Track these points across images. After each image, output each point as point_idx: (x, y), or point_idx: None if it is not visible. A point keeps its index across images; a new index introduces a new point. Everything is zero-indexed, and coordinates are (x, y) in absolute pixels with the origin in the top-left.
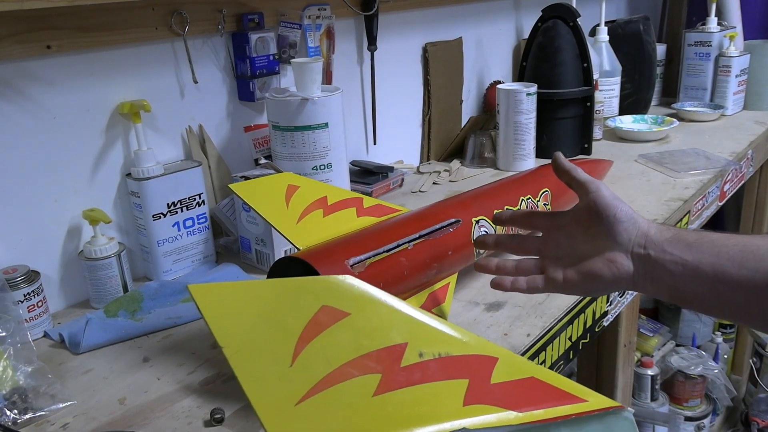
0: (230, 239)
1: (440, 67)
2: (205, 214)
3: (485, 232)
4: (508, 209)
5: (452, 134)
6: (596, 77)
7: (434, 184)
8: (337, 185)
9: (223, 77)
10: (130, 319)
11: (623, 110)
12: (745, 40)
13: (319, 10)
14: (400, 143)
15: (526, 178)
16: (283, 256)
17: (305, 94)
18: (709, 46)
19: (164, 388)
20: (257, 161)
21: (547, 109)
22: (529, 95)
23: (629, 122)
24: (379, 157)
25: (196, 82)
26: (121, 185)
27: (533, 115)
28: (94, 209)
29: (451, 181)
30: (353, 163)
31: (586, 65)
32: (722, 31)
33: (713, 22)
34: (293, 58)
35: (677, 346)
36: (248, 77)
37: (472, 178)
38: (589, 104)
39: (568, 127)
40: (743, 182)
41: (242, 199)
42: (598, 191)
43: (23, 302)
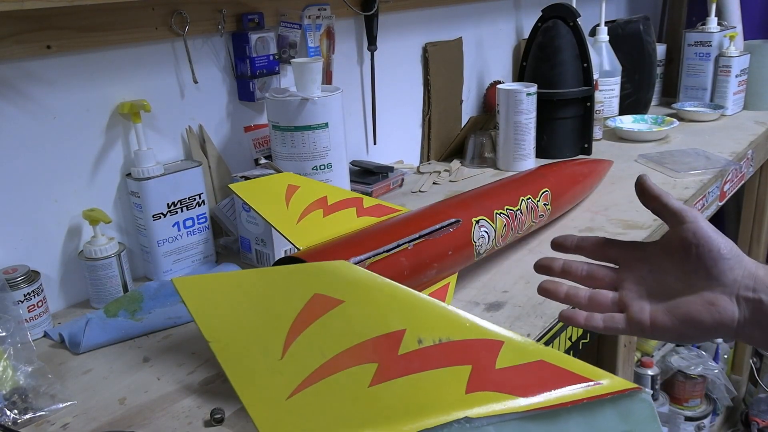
0: (230, 239)
1: (440, 67)
2: (205, 214)
3: (485, 232)
4: (571, 235)
5: (452, 134)
6: (596, 77)
7: (434, 184)
8: (337, 185)
9: (223, 77)
10: (130, 319)
11: (623, 110)
12: (745, 40)
13: (319, 10)
14: (400, 143)
15: (526, 178)
16: (283, 256)
17: (305, 94)
18: (709, 46)
19: (164, 388)
20: (257, 161)
21: (547, 109)
22: (529, 95)
23: (629, 122)
24: (379, 157)
25: (196, 82)
26: (121, 185)
27: (533, 115)
28: (94, 209)
29: (451, 181)
30: (353, 163)
31: (586, 65)
32: (722, 31)
33: (713, 22)
34: (293, 58)
35: (677, 345)
36: (248, 77)
37: (472, 178)
38: (589, 104)
39: (568, 127)
40: (743, 182)
41: (242, 199)
42: (696, 222)
43: (23, 302)
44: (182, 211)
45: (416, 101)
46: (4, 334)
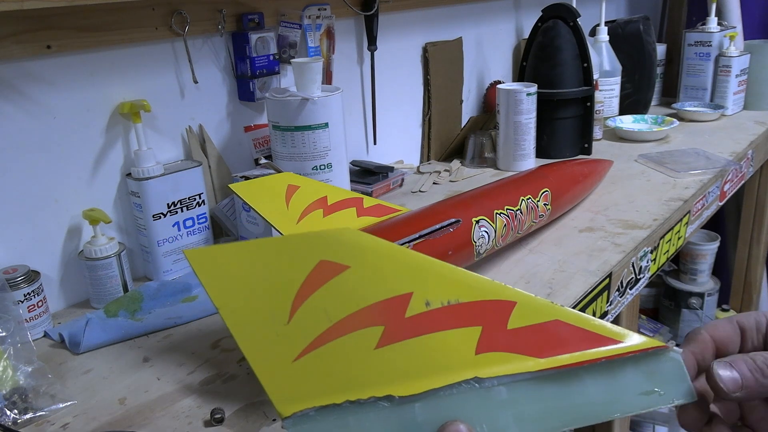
0: (230, 239)
1: (440, 67)
2: (205, 214)
3: (485, 232)
4: (723, 362)
5: (452, 134)
6: (596, 77)
7: (434, 184)
8: (337, 185)
9: (223, 77)
10: (130, 319)
11: (623, 110)
12: (745, 40)
13: (319, 10)
14: (400, 143)
15: (526, 178)
16: None
17: (305, 94)
18: (709, 46)
19: (164, 388)
20: (257, 161)
21: (547, 109)
22: (529, 95)
23: (629, 122)
24: (379, 157)
25: (196, 82)
26: (121, 185)
27: (533, 115)
28: (94, 209)
29: (451, 181)
30: (353, 163)
31: (586, 65)
32: (722, 31)
33: (713, 22)
34: (293, 58)
35: (677, 345)
36: (248, 77)
37: (472, 178)
38: (589, 104)
39: (568, 127)
40: (743, 182)
41: (242, 199)
42: None
43: (23, 302)
44: (182, 211)
45: (416, 101)
46: (4, 334)
